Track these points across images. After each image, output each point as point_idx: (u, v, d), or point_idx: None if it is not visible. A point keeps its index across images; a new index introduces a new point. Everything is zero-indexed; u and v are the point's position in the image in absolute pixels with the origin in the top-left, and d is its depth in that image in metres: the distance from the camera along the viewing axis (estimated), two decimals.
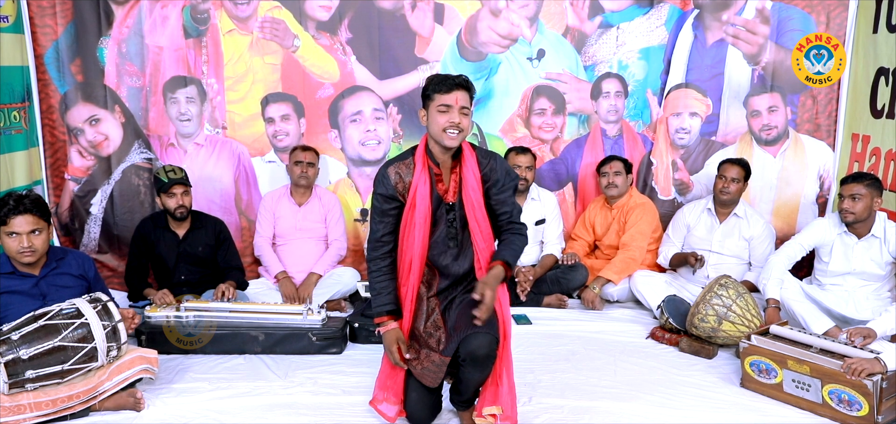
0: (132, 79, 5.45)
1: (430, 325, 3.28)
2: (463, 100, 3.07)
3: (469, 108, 3.09)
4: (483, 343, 3.11)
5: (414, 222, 3.17)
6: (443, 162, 3.20)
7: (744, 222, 5.12)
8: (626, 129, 5.72)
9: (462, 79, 3.09)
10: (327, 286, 5.10)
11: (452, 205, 3.20)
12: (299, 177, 5.12)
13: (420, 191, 3.16)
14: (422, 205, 3.16)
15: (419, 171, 3.17)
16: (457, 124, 3.06)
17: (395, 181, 3.20)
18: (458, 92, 3.06)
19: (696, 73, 5.56)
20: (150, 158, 5.52)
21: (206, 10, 5.41)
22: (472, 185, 3.17)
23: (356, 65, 5.55)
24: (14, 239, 3.63)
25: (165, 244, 4.87)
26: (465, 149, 3.21)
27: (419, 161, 3.18)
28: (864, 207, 4.28)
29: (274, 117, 5.57)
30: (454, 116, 3.06)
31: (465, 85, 3.09)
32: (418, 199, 3.16)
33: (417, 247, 3.18)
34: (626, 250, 5.26)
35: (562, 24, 5.59)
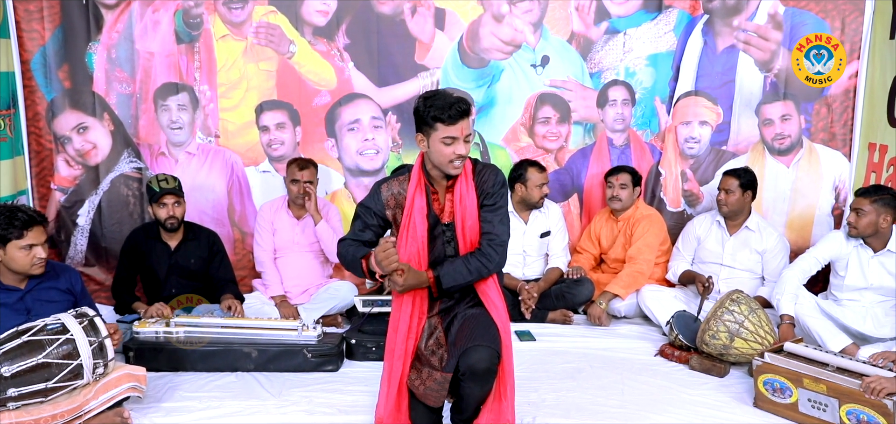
0: (122, 85, 5.44)
1: (432, 343, 3.28)
2: (467, 127, 3.09)
3: (472, 134, 3.10)
4: (483, 357, 3.10)
5: (412, 243, 3.18)
6: (439, 182, 3.22)
7: (756, 234, 5.11)
8: (634, 138, 5.71)
9: (464, 105, 3.07)
10: (323, 300, 5.10)
11: (449, 224, 3.21)
12: (298, 196, 5.13)
13: (417, 207, 3.17)
14: (420, 225, 3.18)
15: (414, 189, 3.18)
16: (462, 155, 3.08)
17: (386, 198, 3.22)
18: (463, 122, 3.07)
19: (706, 80, 5.55)
20: (140, 167, 5.52)
21: (198, 14, 5.41)
22: (467, 203, 3.18)
23: (354, 72, 5.55)
24: (26, 252, 3.66)
25: (157, 256, 4.86)
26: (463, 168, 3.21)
27: (415, 179, 3.19)
28: (868, 223, 4.30)
29: (269, 126, 5.57)
30: (460, 147, 3.07)
31: (468, 111, 3.09)
32: (415, 217, 3.17)
33: (421, 266, 3.20)
34: (633, 263, 5.25)
35: (567, 30, 5.59)
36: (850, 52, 5.37)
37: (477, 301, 3.30)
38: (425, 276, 3.16)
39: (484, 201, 3.20)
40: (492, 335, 3.15)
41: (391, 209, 3.25)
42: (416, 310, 3.27)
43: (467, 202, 3.18)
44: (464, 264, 3.17)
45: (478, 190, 3.20)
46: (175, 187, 4.80)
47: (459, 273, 3.17)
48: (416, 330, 3.28)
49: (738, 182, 5.04)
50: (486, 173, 3.22)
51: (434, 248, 3.24)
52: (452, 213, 3.21)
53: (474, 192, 3.20)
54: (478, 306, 3.30)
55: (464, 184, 3.19)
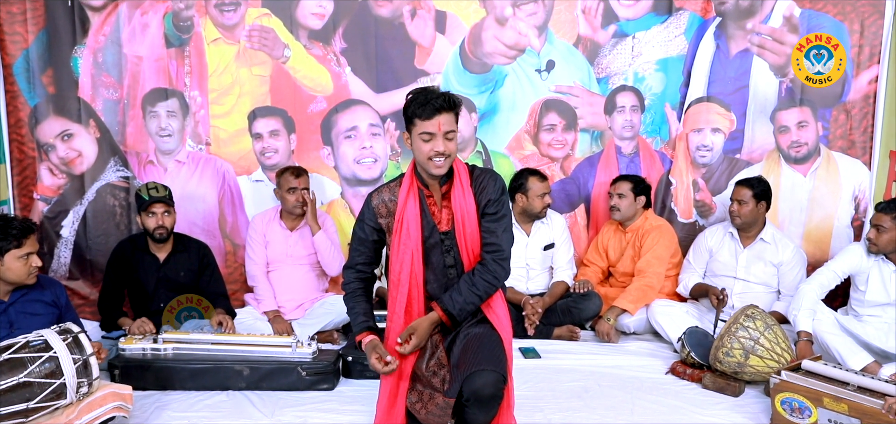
0: (109, 91, 5.43)
1: (433, 363, 3.26)
2: (447, 123, 3.07)
3: (455, 130, 3.08)
4: (488, 382, 3.07)
5: (406, 250, 3.16)
6: (433, 186, 3.20)
7: (771, 247, 5.10)
8: (643, 146, 5.70)
9: (444, 100, 3.07)
10: (318, 315, 5.09)
11: (447, 233, 3.19)
12: (294, 206, 5.12)
13: (409, 213, 3.16)
14: (413, 231, 3.16)
15: (406, 193, 3.17)
16: (442, 152, 3.06)
17: (376, 205, 3.22)
18: (441, 116, 3.06)
19: (718, 85, 5.54)
20: (127, 176, 5.51)
21: (189, 17, 5.41)
22: (466, 210, 3.16)
23: (351, 77, 5.55)
24: (24, 262, 3.71)
25: (145, 268, 4.85)
26: (458, 171, 3.19)
27: (407, 183, 3.19)
28: (889, 240, 4.33)
29: (262, 133, 5.56)
30: (438, 144, 3.06)
31: (449, 105, 3.07)
32: (408, 223, 3.16)
33: (416, 277, 3.18)
34: (641, 276, 5.24)
35: (573, 34, 5.59)
36: (870, 55, 5.37)
37: (479, 318, 3.28)
38: (436, 317, 3.18)
39: (485, 210, 3.18)
40: (497, 357, 3.13)
41: (383, 218, 3.24)
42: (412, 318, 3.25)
43: (466, 208, 3.16)
44: (470, 288, 3.16)
45: (477, 197, 3.19)
46: (165, 196, 4.80)
47: (468, 300, 3.17)
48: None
49: (751, 192, 5.02)
50: (485, 179, 3.21)
51: (431, 258, 3.22)
52: (451, 220, 3.20)
53: (473, 198, 3.18)
54: (480, 323, 3.27)
55: (460, 189, 3.18)
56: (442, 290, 3.25)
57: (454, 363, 3.21)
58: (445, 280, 3.24)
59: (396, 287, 3.21)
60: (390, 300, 3.27)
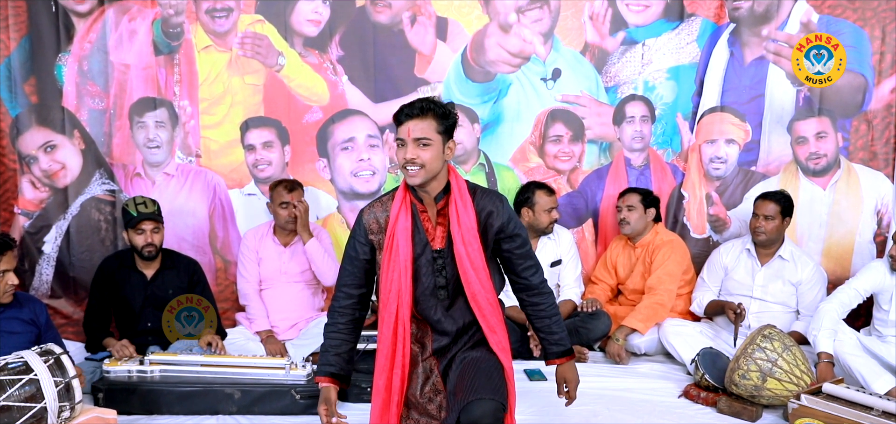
0: (94, 100, 5.42)
1: (428, 389, 3.24)
2: (418, 130, 3.05)
3: (429, 139, 3.06)
4: (487, 411, 3.04)
5: (395, 268, 3.13)
6: (427, 200, 3.17)
7: (790, 264, 5.09)
8: (654, 158, 5.70)
9: (417, 106, 3.07)
10: (314, 335, 5.03)
11: (440, 252, 3.17)
12: (287, 221, 5.12)
13: (400, 229, 3.13)
14: (403, 247, 3.12)
15: (398, 207, 3.15)
16: (411, 159, 3.04)
17: (368, 222, 3.21)
18: (411, 122, 3.06)
19: (732, 94, 5.55)
20: (113, 189, 5.49)
21: (179, 24, 5.41)
22: (465, 227, 3.13)
23: (348, 86, 5.55)
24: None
25: (131, 286, 4.84)
26: (455, 186, 3.17)
27: (399, 197, 3.17)
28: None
29: (255, 144, 5.56)
30: (408, 151, 3.05)
31: (421, 111, 3.07)
32: (398, 239, 3.13)
33: (404, 296, 3.14)
34: (652, 294, 5.24)
35: (580, 41, 5.60)
36: (893, 63, 5.38)
37: (476, 340, 3.25)
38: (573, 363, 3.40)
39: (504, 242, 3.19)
40: (495, 384, 3.10)
41: (375, 235, 3.21)
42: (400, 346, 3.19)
43: (466, 224, 3.13)
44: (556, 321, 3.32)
45: (480, 216, 3.16)
46: (154, 212, 4.78)
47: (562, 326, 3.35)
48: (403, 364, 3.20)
49: (779, 207, 5.01)
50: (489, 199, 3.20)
51: (421, 277, 3.19)
52: (445, 238, 3.17)
53: (474, 215, 3.15)
54: (478, 346, 3.25)
55: (458, 205, 3.14)
56: (431, 312, 3.22)
57: (451, 390, 3.18)
58: (435, 301, 3.21)
59: (385, 307, 3.18)
60: (379, 320, 3.24)
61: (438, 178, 3.13)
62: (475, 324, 3.23)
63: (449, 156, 3.14)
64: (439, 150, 3.08)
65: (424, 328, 3.27)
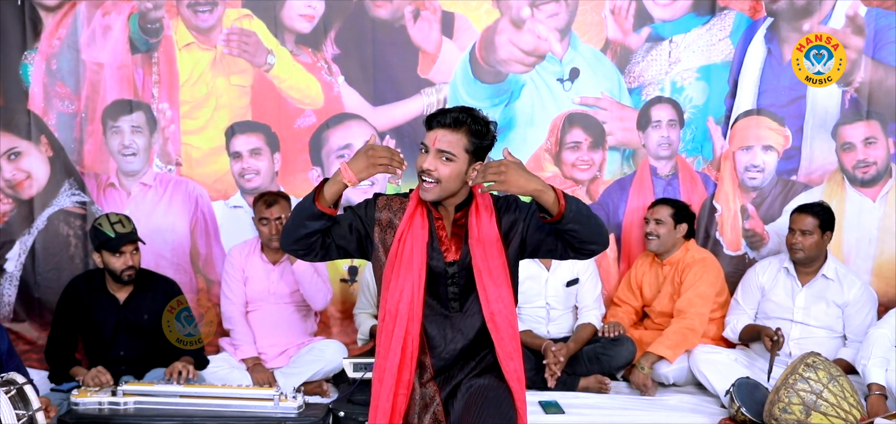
0: (64, 103, 5.44)
1: (428, 419, 3.19)
2: (445, 141, 3.02)
3: (454, 155, 3.02)
4: None
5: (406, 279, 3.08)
6: (444, 210, 3.17)
7: (835, 284, 5.01)
8: (683, 167, 5.64)
9: (452, 115, 3.05)
10: (306, 363, 5.04)
11: (453, 264, 3.13)
12: (269, 239, 5.07)
13: (414, 234, 3.09)
14: (417, 258, 3.08)
15: (411, 213, 3.12)
16: (427, 169, 3.03)
17: (380, 214, 3.16)
18: (439, 131, 3.04)
19: (770, 96, 5.50)
20: (84, 201, 5.49)
21: (158, 18, 5.41)
22: (485, 239, 3.10)
23: (345, 87, 5.54)
24: None
25: (102, 310, 4.80)
26: (478, 197, 3.15)
27: (414, 201, 3.15)
28: None
29: (241, 152, 5.56)
30: (426, 160, 3.03)
31: (455, 123, 3.03)
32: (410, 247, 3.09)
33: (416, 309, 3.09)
34: (682, 318, 5.14)
35: (600, 38, 5.57)
36: None
37: (485, 366, 3.19)
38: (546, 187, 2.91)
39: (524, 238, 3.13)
40: (506, 416, 3.10)
41: (382, 229, 3.16)
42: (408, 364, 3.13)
43: (487, 236, 3.09)
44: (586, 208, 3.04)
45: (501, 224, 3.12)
46: (132, 232, 4.74)
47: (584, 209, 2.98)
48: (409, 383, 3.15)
49: (817, 221, 4.94)
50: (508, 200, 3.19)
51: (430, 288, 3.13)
52: (460, 250, 3.13)
53: (496, 228, 3.11)
54: (486, 373, 3.19)
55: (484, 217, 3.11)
56: (440, 325, 3.17)
57: (454, 422, 3.16)
58: (446, 312, 3.17)
59: (393, 320, 3.11)
60: (383, 333, 3.17)
61: (458, 195, 3.11)
62: (485, 348, 3.18)
63: (471, 178, 3.08)
64: (462, 169, 3.05)
65: (423, 348, 3.20)
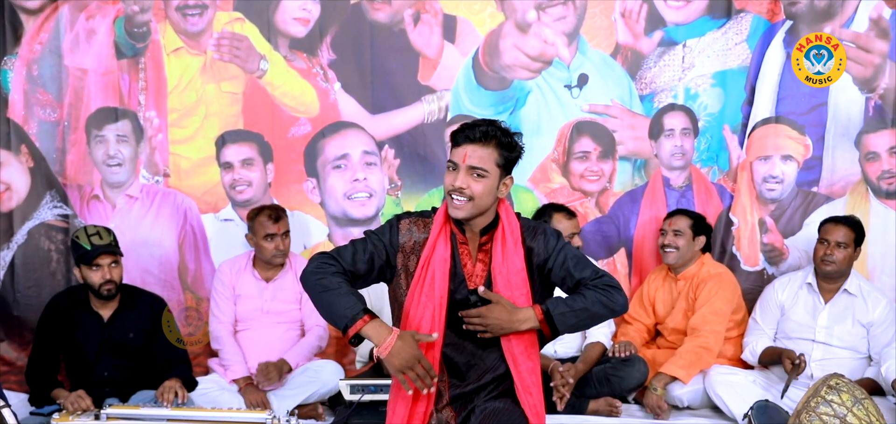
0: (45, 111, 5.43)
1: None
2: (476, 157, 3.04)
3: (486, 171, 3.04)
4: None
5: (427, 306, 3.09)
6: (470, 232, 3.17)
7: (859, 301, 4.98)
8: (697, 177, 5.59)
9: (481, 129, 3.07)
10: (300, 384, 5.01)
11: (475, 292, 3.13)
12: (274, 255, 5.09)
13: (436, 261, 3.09)
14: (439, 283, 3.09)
15: (436, 235, 3.12)
16: (459, 188, 3.04)
17: (404, 239, 3.16)
18: (469, 147, 3.06)
19: (789, 103, 5.45)
20: (67, 214, 5.46)
21: (145, 22, 5.40)
22: (510, 268, 3.12)
23: (341, 94, 5.53)
24: None
25: (85, 329, 4.79)
26: (505, 220, 3.16)
27: (439, 222, 3.15)
28: None
29: (232, 162, 5.54)
30: (458, 178, 3.05)
31: (484, 137, 3.06)
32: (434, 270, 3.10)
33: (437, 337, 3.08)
34: (696, 336, 5.09)
35: (610, 42, 5.54)
36: None
37: (501, 389, 3.18)
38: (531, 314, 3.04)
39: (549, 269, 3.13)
40: None
41: (405, 255, 3.15)
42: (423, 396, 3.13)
43: (511, 265, 3.10)
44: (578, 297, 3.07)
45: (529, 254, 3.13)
46: (111, 243, 4.72)
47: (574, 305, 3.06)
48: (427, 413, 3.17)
49: (853, 234, 4.91)
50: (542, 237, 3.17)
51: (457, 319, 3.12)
52: (485, 276, 3.16)
53: (522, 254, 3.11)
54: (503, 396, 3.18)
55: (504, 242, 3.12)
56: (461, 352, 3.18)
57: None
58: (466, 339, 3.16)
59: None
60: None
61: (487, 213, 3.12)
62: (505, 377, 3.19)
63: (502, 193, 3.12)
64: (494, 184, 3.07)
65: (443, 374, 3.21)
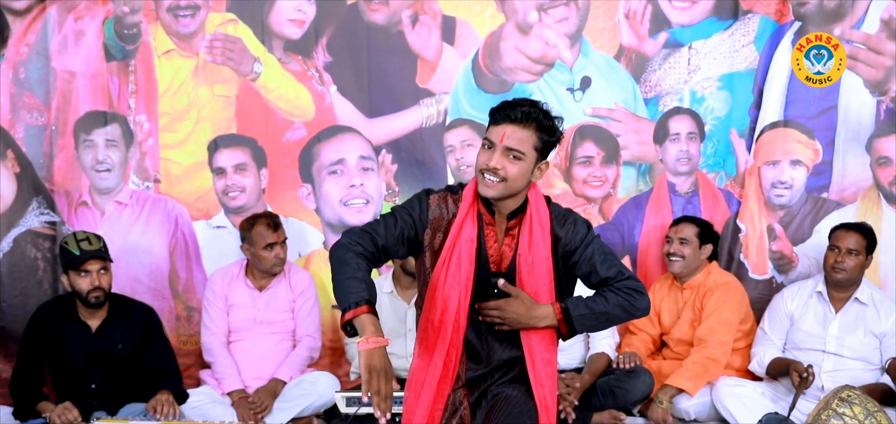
0: (32, 114, 5.42)
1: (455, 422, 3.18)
2: (514, 139, 3.00)
3: (523, 153, 3.01)
4: None
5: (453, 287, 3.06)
6: (498, 215, 3.14)
7: (870, 310, 4.95)
8: (703, 183, 5.57)
9: (522, 109, 3.02)
10: (294, 397, 5.00)
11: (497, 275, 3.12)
12: (274, 264, 5.08)
13: (465, 238, 3.07)
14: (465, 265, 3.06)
15: (464, 214, 3.09)
16: (494, 168, 3.00)
17: (433, 214, 3.12)
18: (508, 127, 3.01)
19: (798, 106, 5.43)
20: (54, 221, 5.44)
21: (135, 23, 5.39)
22: (536, 256, 3.08)
23: (337, 98, 5.52)
24: None
25: (72, 339, 4.78)
26: (534, 204, 3.13)
27: (467, 200, 3.11)
28: None
29: (225, 168, 5.53)
30: (493, 158, 3.00)
31: (524, 118, 3.01)
32: (459, 252, 3.07)
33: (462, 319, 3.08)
34: (703, 347, 5.06)
35: (614, 44, 5.52)
36: None
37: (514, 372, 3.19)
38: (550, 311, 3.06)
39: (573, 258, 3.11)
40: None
41: (433, 231, 3.11)
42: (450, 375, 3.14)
43: (537, 252, 3.07)
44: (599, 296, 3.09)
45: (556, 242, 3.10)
46: (100, 249, 4.70)
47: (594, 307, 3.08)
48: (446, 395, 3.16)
49: (865, 241, 4.88)
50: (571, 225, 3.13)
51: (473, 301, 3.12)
52: (511, 262, 3.12)
53: (549, 241, 3.08)
54: (515, 382, 3.19)
55: (531, 227, 3.08)
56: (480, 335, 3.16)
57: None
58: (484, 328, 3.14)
59: (436, 331, 3.10)
60: (425, 344, 3.13)
61: (517, 196, 3.09)
62: (519, 359, 3.17)
63: (537, 178, 3.10)
64: (529, 168, 3.05)
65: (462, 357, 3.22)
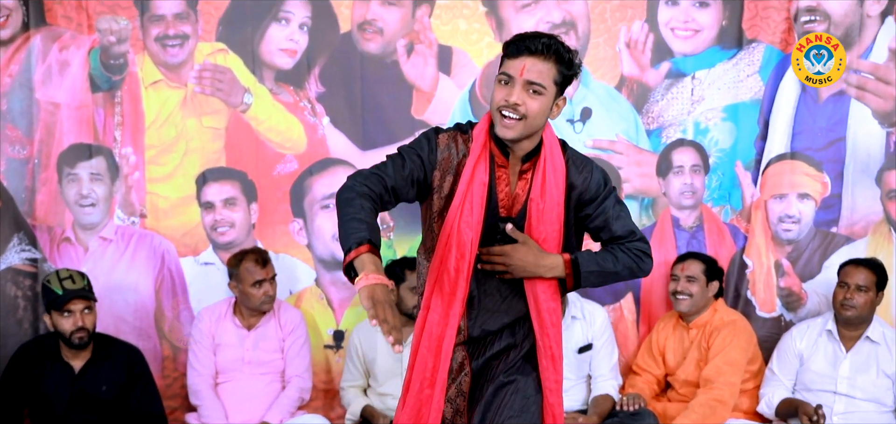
0: (14, 147, 5.39)
1: (452, 390, 3.14)
2: (535, 72, 2.91)
3: (544, 87, 2.93)
4: None
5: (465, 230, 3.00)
6: (513, 157, 3.07)
7: (882, 349, 4.91)
8: (708, 217, 5.52)
9: (542, 41, 2.93)
10: None
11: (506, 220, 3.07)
12: (263, 302, 5.03)
13: (477, 181, 2.99)
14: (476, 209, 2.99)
15: (477, 157, 3.00)
16: (514, 103, 2.91)
17: (442, 155, 3.03)
18: (528, 59, 2.92)
19: (805, 138, 5.39)
20: (35, 258, 5.40)
21: (122, 54, 5.36)
22: (548, 201, 3.02)
23: (330, 129, 5.49)
24: None
25: (54, 381, 4.77)
26: (548, 146, 3.07)
27: (479, 142, 3.02)
28: None
29: (214, 202, 5.49)
30: (513, 93, 2.91)
31: (545, 49, 2.92)
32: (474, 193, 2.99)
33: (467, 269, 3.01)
34: (710, 388, 4.98)
35: (615, 74, 5.49)
36: None
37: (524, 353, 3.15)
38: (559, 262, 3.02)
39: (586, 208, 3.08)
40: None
41: (442, 173, 3.03)
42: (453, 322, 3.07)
43: (550, 196, 3.01)
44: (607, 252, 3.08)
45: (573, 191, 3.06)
46: (84, 288, 4.69)
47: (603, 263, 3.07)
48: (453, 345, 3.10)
49: (875, 277, 4.83)
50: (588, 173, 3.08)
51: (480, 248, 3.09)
52: (522, 207, 3.07)
53: (563, 187, 3.01)
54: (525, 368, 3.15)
55: (549, 174, 3.02)
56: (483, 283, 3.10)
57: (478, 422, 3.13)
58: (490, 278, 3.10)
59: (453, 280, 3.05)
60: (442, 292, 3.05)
61: (533, 137, 3.03)
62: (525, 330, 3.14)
63: (555, 115, 3.04)
64: (549, 104, 2.98)
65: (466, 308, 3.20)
